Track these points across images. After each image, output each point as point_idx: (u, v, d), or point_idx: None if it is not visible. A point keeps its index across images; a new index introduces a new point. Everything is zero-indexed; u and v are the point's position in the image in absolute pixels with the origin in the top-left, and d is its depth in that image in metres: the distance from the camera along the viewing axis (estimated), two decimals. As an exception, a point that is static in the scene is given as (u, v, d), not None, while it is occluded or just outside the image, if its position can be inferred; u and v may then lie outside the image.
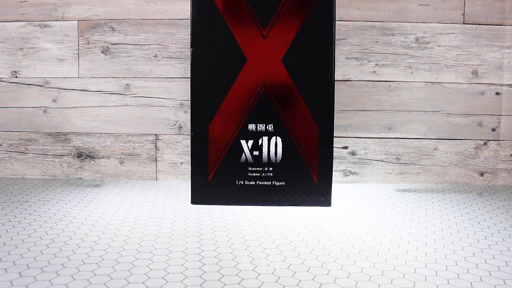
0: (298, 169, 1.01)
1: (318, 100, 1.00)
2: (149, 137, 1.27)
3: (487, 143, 1.26)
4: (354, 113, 1.26)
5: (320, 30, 0.99)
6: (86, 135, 1.28)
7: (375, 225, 0.90)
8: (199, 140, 1.01)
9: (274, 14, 0.98)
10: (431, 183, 1.27)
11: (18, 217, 0.92)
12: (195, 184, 1.02)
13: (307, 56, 0.99)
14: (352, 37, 1.24)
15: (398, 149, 1.26)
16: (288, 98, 1.00)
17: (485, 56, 1.24)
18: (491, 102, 1.25)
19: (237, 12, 0.99)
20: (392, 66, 1.24)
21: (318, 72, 1.00)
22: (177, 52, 1.25)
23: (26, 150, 1.29)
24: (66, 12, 1.26)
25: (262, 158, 1.01)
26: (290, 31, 0.99)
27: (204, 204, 1.02)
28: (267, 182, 1.01)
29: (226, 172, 1.01)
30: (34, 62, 1.27)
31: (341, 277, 0.65)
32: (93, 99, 1.27)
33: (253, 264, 0.70)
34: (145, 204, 1.04)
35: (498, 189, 1.22)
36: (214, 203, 1.02)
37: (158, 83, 1.26)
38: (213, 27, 0.99)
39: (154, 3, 1.25)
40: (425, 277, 0.66)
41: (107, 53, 1.26)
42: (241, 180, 1.01)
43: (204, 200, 1.02)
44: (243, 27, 0.99)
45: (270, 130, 1.01)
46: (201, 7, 0.99)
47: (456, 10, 1.24)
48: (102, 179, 1.28)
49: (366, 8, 1.23)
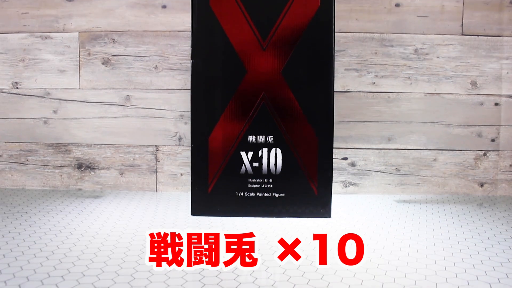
0: (298, 181, 1.01)
1: (317, 112, 1.00)
2: (149, 148, 1.28)
3: (487, 153, 1.26)
4: (354, 124, 1.26)
5: (320, 42, 1.00)
6: (86, 146, 1.28)
7: (375, 237, 0.90)
8: (199, 152, 1.01)
9: (274, 26, 0.99)
10: (431, 194, 1.27)
11: (18, 228, 0.92)
12: (195, 195, 1.02)
13: (307, 67, 1.00)
14: (351, 49, 1.24)
15: (398, 160, 1.26)
16: (288, 109, 1.00)
17: (484, 67, 1.25)
18: (490, 113, 1.26)
19: (237, 24, 0.99)
20: (391, 77, 1.25)
21: (318, 83, 1.00)
22: (177, 64, 1.26)
23: (27, 161, 1.29)
24: (68, 24, 1.27)
25: (262, 169, 1.01)
26: (290, 43, 0.99)
27: (204, 216, 1.02)
28: (267, 193, 1.01)
29: (226, 183, 1.01)
30: (35, 73, 1.28)
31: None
32: (93, 110, 1.27)
33: (253, 277, 0.70)
34: (145, 215, 1.04)
35: (498, 200, 1.22)
36: (214, 215, 1.02)
37: (159, 95, 1.26)
38: (213, 39, 1.00)
39: (155, 15, 1.26)
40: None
41: (107, 64, 1.27)
42: (241, 191, 1.02)
43: (204, 212, 1.02)
44: (243, 39, 0.99)
45: (270, 142, 1.01)
46: (201, 19, 1.00)
47: (454, 21, 1.24)
48: (102, 190, 1.28)
49: (365, 19, 1.24)
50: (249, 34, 0.99)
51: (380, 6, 1.24)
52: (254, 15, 0.99)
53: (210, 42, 1.00)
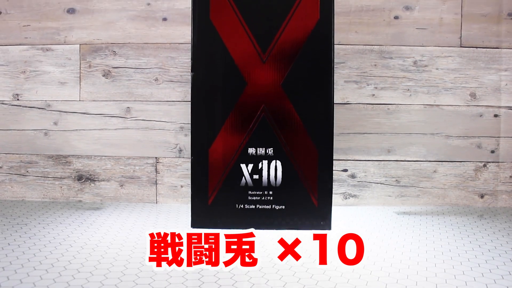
0: (298, 193, 1.01)
1: (317, 124, 1.01)
2: (149, 160, 1.28)
3: (487, 165, 1.27)
4: (354, 136, 1.26)
5: (319, 54, 1.00)
6: (86, 157, 1.28)
7: (375, 249, 0.89)
8: (199, 164, 1.01)
9: (274, 39, 1.00)
10: (431, 205, 1.27)
11: (17, 241, 0.92)
12: (195, 207, 1.02)
13: (307, 80, 1.00)
14: (351, 61, 1.25)
15: (398, 172, 1.27)
16: (288, 122, 1.01)
17: (483, 78, 1.25)
18: (489, 124, 1.26)
19: (237, 37, 1.00)
20: (390, 89, 1.26)
21: (318, 95, 1.00)
22: (177, 76, 1.26)
23: (27, 173, 1.29)
24: (69, 36, 1.28)
25: (262, 182, 1.01)
26: (290, 56, 1.00)
27: (204, 228, 1.02)
28: (267, 206, 1.01)
29: (226, 195, 1.01)
30: (36, 85, 1.29)
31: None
32: (94, 122, 1.28)
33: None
34: (145, 227, 1.03)
35: (499, 211, 1.22)
36: (214, 227, 1.02)
37: (159, 107, 1.27)
38: (213, 51, 1.01)
39: (155, 27, 1.26)
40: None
41: (108, 76, 1.27)
42: (241, 204, 1.02)
43: (204, 224, 1.02)
44: (243, 51, 1.00)
45: (270, 154, 1.01)
46: (202, 32, 1.00)
47: (453, 33, 1.25)
48: (102, 202, 1.28)
49: (364, 32, 1.25)
50: (249, 47, 1.00)
51: (379, 18, 1.25)
52: (254, 28, 1.00)
53: (210, 54, 1.01)
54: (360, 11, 1.25)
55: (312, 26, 1.00)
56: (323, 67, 1.00)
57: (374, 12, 1.25)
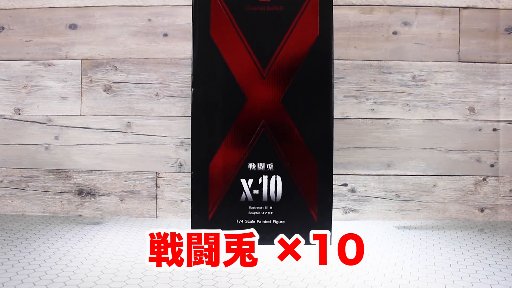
0: (298, 208, 1.01)
1: (317, 139, 1.01)
2: (149, 175, 1.28)
3: (486, 179, 1.27)
4: (353, 151, 1.27)
5: (319, 70, 1.01)
6: (87, 172, 1.28)
7: (375, 264, 0.89)
8: (199, 179, 1.02)
9: (274, 55, 1.01)
10: (431, 219, 1.27)
11: (17, 256, 0.92)
12: (196, 223, 1.02)
13: (306, 95, 1.01)
14: (350, 76, 1.26)
15: (398, 186, 1.27)
16: (288, 137, 1.01)
17: (481, 93, 1.26)
18: (488, 138, 1.27)
19: (237, 53, 1.01)
20: (390, 103, 1.26)
21: (317, 111, 1.01)
22: (178, 91, 1.27)
23: (27, 187, 1.29)
24: (70, 51, 1.29)
25: (262, 197, 1.01)
26: (289, 71, 1.01)
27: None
28: (267, 221, 1.01)
29: (226, 211, 1.02)
30: (37, 100, 1.29)
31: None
32: (94, 136, 1.28)
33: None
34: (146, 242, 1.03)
35: (499, 225, 1.22)
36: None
37: (159, 121, 1.28)
38: (213, 67, 1.01)
39: (156, 43, 1.28)
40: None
41: (109, 91, 1.28)
42: (241, 219, 1.02)
43: (204, 239, 1.02)
44: (243, 67, 1.01)
45: (270, 169, 1.01)
46: (202, 48, 1.01)
47: (451, 48, 1.26)
48: (102, 216, 1.28)
49: (363, 47, 1.26)
50: (249, 63, 1.01)
51: (378, 34, 1.26)
52: (254, 44, 1.01)
53: (210, 70, 1.01)
54: (359, 26, 1.26)
55: (312, 42, 1.01)
56: (322, 82, 1.01)
57: (373, 28, 1.26)
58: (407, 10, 1.26)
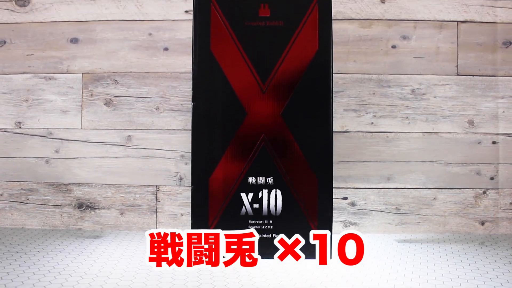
0: (298, 222, 1.01)
1: (317, 153, 1.02)
2: (149, 188, 1.28)
3: (486, 192, 1.27)
4: (353, 164, 1.27)
5: (318, 84, 1.02)
6: (87, 185, 1.29)
7: (376, 278, 0.89)
8: (199, 193, 1.02)
9: (273, 70, 1.01)
10: (431, 233, 1.26)
11: (16, 270, 0.91)
12: (196, 236, 1.02)
13: (306, 109, 1.01)
14: (349, 90, 1.27)
15: (398, 199, 1.27)
16: (288, 151, 1.01)
17: (480, 106, 1.27)
18: (488, 151, 1.27)
19: (237, 68, 1.01)
20: (389, 117, 1.27)
21: (317, 124, 1.01)
22: (178, 105, 1.28)
23: (27, 200, 1.29)
24: (71, 65, 1.30)
25: (262, 211, 1.01)
26: (289, 86, 1.01)
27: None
28: (267, 235, 1.01)
29: (227, 225, 1.01)
30: (38, 113, 1.30)
31: (343, 335, 0.65)
32: (95, 150, 1.29)
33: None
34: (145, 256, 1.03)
35: (500, 238, 1.21)
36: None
37: (160, 135, 1.28)
38: (213, 81, 1.02)
39: (157, 57, 1.28)
40: (427, 335, 0.65)
41: (110, 105, 1.29)
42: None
43: (204, 252, 1.02)
44: (243, 82, 1.01)
45: (270, 183, 1.02)
46: (202, 62, 1.02)
47: (450, 62, 1.27)
48: (102, 230, 1.28)
49: (362, 61, 1.27)
50: (249, 77, 1.01)
51: (377, 48, 1.27)
52: (254, 58, 1.01)
53: (210, 84, 1.02)
54: (358, 40, 1.27)
55: (311, 56, 1.02)
56: (322, 96, 1.02)
57: (372, 42, 1.27)
58: (405, 24, 1.27)
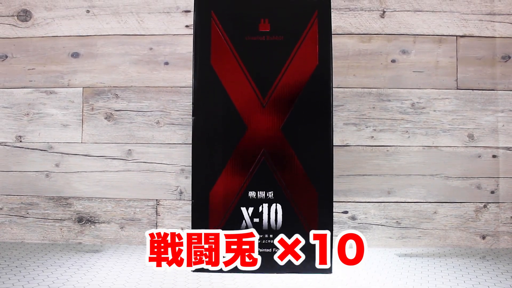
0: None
1: (317, 167, 1.02)
2: (150, 202, 1.28)
3: (487, 205, 1.27)
4: (353, 178, 1.27)
5: (318, 98, 1.02)
6: (87, 199, 1.28)
7: (377, 294, 0.89)
8: (199, 207, 1.02)
9: (274, 84, 1.02)
10: (432, 247, 1.26)
11: (16, 285, 0.91)
12: (196, 250, 1.02)
13: (306, 123, 1.02)
14: (349, 104, 1.27)
15: (398, 213, 1.26)
16: (288, 165, 1.02)
17: (480, 120, 1.27)
18: (488, 165, 1.27)
19: (237, 82, 1.02)
20: (389, 131, 1.27)
21: (317, 139, 1.02)
22: (178, 119, 1.28)
23: (27, 214, 1.29)
24: (72, 80, 1.30)
25: (262, 225, 1.01)
26: (289, 100, 1.02)
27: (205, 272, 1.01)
28: (268, 249, 1.01)
29: (227, 239, 1.01)
30: (38, 127, 1.30)
31: None
32: (95, 164, 1.29)
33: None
34: (146, 270, 1.02)
35: (501, 252, 1.21)
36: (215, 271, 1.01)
37: (160, 149, 1.28)
38: (214, 96, 1.02)
39: (157, 71, 1.29)
40: None
41: (110, 119, 1.29)
42: (241, 247, 1.01)
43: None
44: (243, 96, 1.02)
45: (270, 197, 1.01)
46: (202, 76, 1.03)
47: (449, 76, 1.28)
48: (102, 244, 1.27)
49: (362, 75, 1.28)
50: (249, 92, 1.02)
51: (377, 62, 1.28)
52: (254, 73, 1.02)
53: (211, 99, 1.03)
54: (357, 55, 1.28)
55: (311, 71, 1.02)
56: (322, 110, 1.02)
57: (372, 56, 1.28)
58: (405, 38, 1.28)
